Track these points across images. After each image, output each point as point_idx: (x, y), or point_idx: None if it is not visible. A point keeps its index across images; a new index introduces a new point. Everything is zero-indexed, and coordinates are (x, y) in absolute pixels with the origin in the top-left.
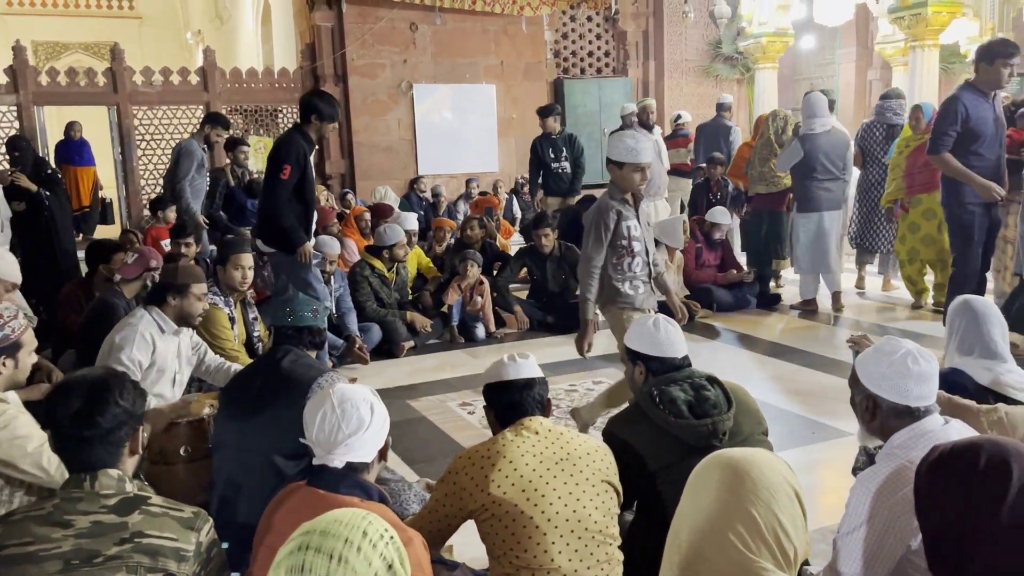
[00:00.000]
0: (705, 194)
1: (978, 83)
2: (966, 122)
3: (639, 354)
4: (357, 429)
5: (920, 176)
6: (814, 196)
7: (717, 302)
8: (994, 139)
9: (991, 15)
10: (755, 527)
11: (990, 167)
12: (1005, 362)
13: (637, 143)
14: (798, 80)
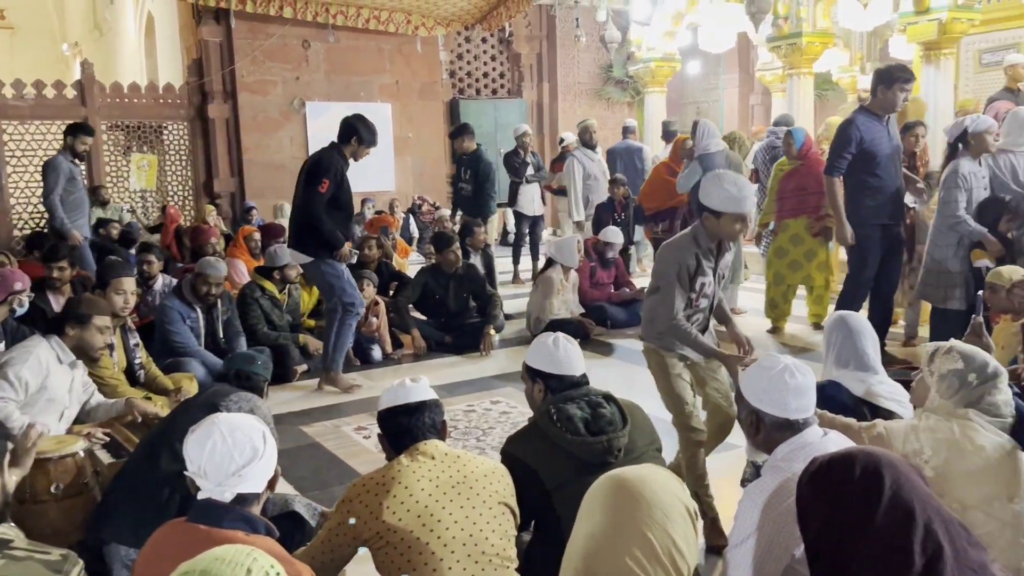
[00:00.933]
0: (610, 213)
1: (873, 107)
2: (861, 144)
3: (538, 372)
4: (251, 459)
5: (789, 201)
6: None
7: (611, 319)
8: (890, 161)
9: (860, 46)
10: (651, 550)
11: (889, 188)
12: (877, 374)
13: (740, 190)
14: (685, 104)
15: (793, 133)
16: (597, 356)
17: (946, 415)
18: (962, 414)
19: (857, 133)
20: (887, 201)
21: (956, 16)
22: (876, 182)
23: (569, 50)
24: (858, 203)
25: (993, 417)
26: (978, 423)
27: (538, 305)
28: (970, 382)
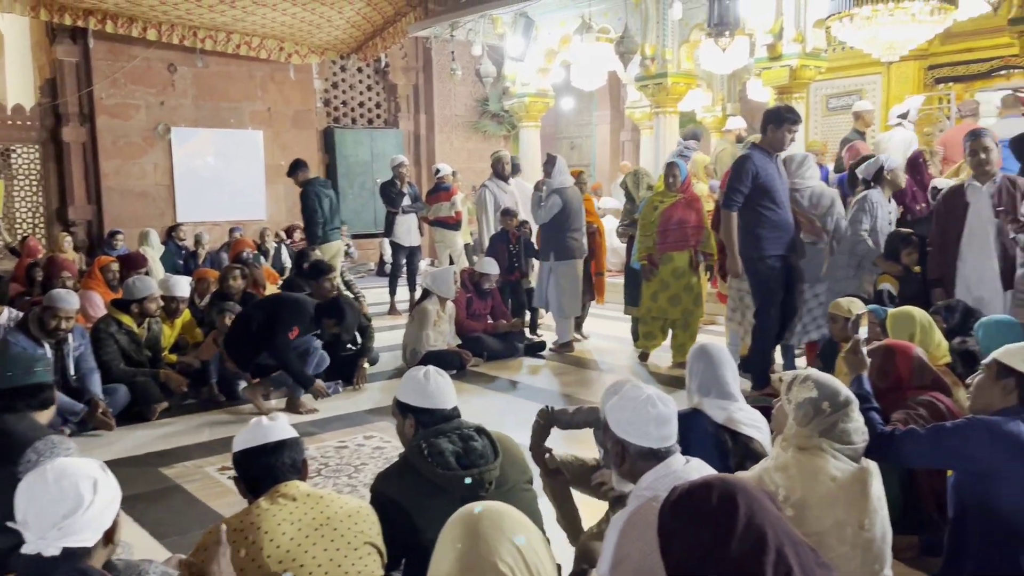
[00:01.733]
0: (504, 244)
1: (764, 144)
2: (756, 178)
3: (409, 406)
4: (75, 509)
5: (673, 234)
6: (569, 245)
7: (488, 350)
8: (783, 194)
9: (721, 87)
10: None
11: (784, 221)
12: (736, 401)
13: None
14: (560, 138)
15: (677, 165)
16: (473, 387)
17: (798, 447)
18: (816, 444)
19: (753, 168)
20: (783, 233)
21: (805, 63)
22: (772, 215)
23: (446, 82)
24: (757, 236)
25: (844, 445)
26: (830, 454)
27: (414, 336)
28: (824, 410)
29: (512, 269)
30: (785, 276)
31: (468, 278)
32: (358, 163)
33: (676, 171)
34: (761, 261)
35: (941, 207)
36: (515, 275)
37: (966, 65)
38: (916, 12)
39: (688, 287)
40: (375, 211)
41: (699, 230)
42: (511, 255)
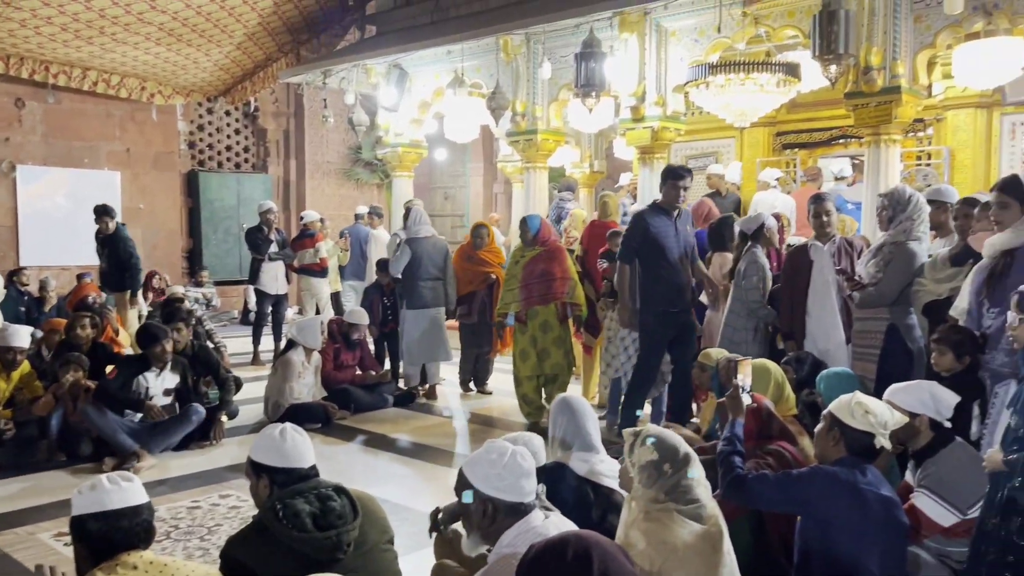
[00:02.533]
0: (379, 296)
1: (662, 203)
2: (646, 234)
3: (263, 466)
4: None
5: (537, 287)
6: (422, 294)
7: (355, 403)
8: (676, 251)
9: (589, 145)
10: None
11: (674, 277)
12: (599, 453)
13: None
14: (434, 188)
15: (528, 220)
16: (339, 442)
17: (646, 512)
18: (663, 506)
19: (643, 224)
20: (672, 289)
21: (666, 125)
22: (663, 271)
23: (318, 129)
24: (647, 290)
25: (689, 504)
26: (677, 517)
27: (277, 389)
28: (666, 472)
29: (386, 321)
30: (676, 331)
31: (337, 328)
32: (223, 208)
33: (525, 226)
34: (647, 314)
35: (788, 265)
36: (389, 326)
37: (809, 133)
38: (764, 83)
39: (557, 340)
40: (240, 257)
41: (564, 282)
42: (385, 307)
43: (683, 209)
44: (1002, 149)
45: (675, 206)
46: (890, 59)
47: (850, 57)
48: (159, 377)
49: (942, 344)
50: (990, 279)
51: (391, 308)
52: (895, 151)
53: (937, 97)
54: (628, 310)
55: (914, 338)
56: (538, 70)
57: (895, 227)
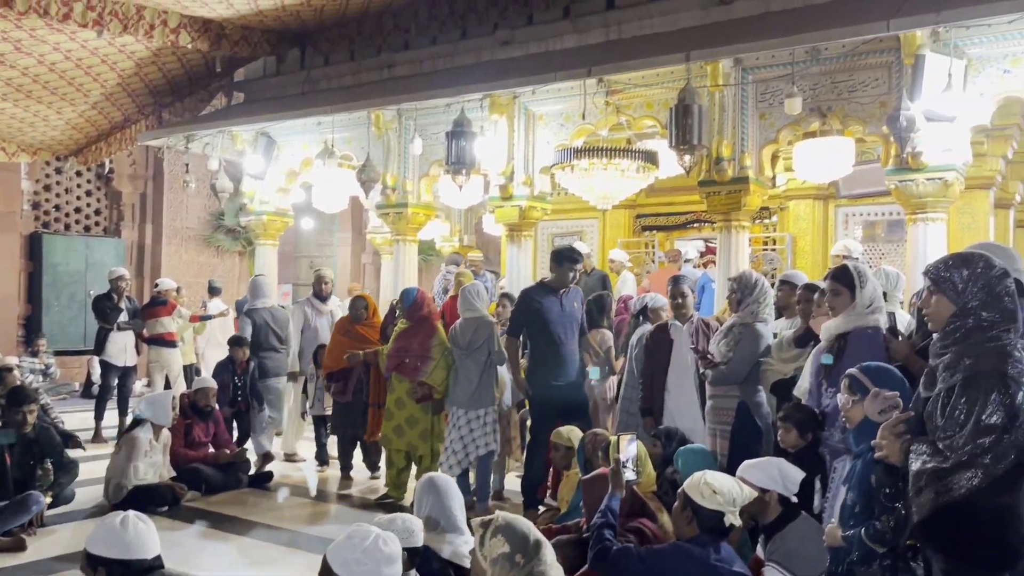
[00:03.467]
0: (230, 374)
1: (550, 282)
2: (530, 310)
3: (101, 559)
4: None
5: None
6: (263, 364)
7: (207, 482)
8: (562, 328)
9: (459, 220)
10: None
11: (560, 349)
12: (463, 535)
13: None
14: (299, 257)
15: (404, 293)
16: (187, 526)
17: None
18: None
19: (529, 300)
20: (556, 363)
21: (533, 204)
22: (548, 347)
23: (177, 193)
24: (533, 363)
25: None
26: None
27: (119, 469)
28: (518, 563)
29: (235, 400)
30: (564, 406)
31: (188, 403)
32: (68, 273)
33: (401, 299)
34: (534, 387)
35: (650, 343)
36: (240, 406)
37: (667, 216)
38: (625, 168)
39: (411, 419)
40: (85, 326)
41: (423, 360)
42: (235, 386)
43: (572, 287)
44: (837, 238)
45: (565, 285)
46: (739, 151)
47: (703, 148)
48: None
49: (787, 422)
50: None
51: (242, 387)
52: (744, 236)
53: (781, 188)
54: (517, 380)
55: (762, 415)
56: (409, 145)
57: (743, 309)
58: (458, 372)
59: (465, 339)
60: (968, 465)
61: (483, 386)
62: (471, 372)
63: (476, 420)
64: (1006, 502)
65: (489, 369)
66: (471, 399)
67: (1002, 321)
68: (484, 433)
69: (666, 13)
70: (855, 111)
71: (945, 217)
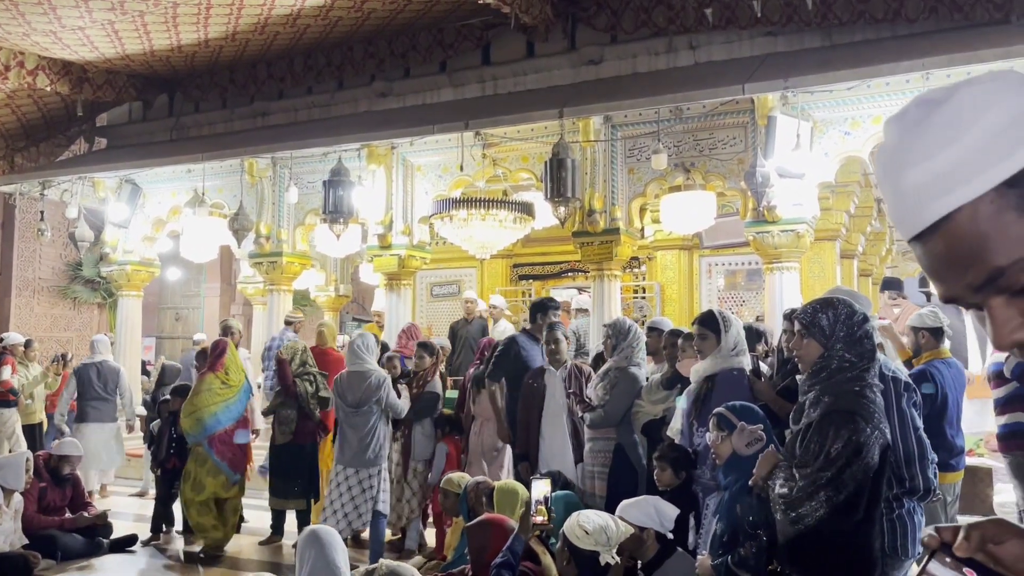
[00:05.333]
0: (169, 427)
1: (532, 330)
2: (517, 357)
3: None
4: None
5: None
6: (88, 412)
7: (62, 550)
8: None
9: (335, 268)
10: None
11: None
12: None
13: None
14: (164, 308)
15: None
16: None
17: None
18: None
19: (516, 347)
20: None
21: (412, 254)
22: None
23: (29, 242)
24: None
25: None
26: None
27: None
28: None
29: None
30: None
31: (44, 464)
32: None
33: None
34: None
35: (526, 389)
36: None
37: (542, 266)
38: (502, 219)
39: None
40: None
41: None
42: (171, 439)
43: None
44: (702, 286)
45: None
46: (610, 204)
47: (576, 200)
48: None
49: (663, 461)
50: (697, 402)
51: (177, 441)
52: (616, 285)
53: (649, 239)
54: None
55: (638, 456)
56: (284, 194)
57: (618, 354)
58: (343, 429)
59: (354, 395)
60: (811, 496)
61: (374, 444)
62: (359, 429)
63: (366, 480)
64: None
65: (381, 426)
66: (358, 458)
67: (860, 362)
68: (373, 496)
69: (539, 70)
70: (716, 167)
71: (798, 266)
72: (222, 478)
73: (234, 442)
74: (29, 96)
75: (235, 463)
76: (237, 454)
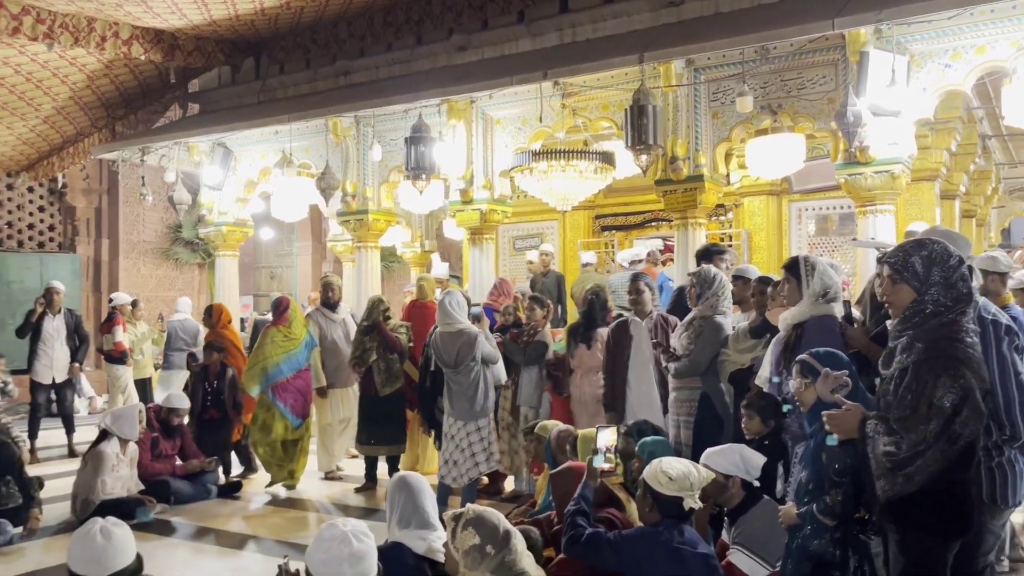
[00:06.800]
0: (202, 381)
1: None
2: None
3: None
4: None
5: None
6: (172, 361)
7: (175, 494)
8: None
9: (419, 225)
10: None
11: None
12: (436, 530)
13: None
14: (259, 267)
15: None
16: (157, 538)
17: None
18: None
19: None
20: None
21: (493, 208)
22: None
23: (134, 207)
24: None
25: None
26: None
27: (87, 485)
28: (489, 553)
29: (206, 408)
30: None
31: (155, 415)
32: (24, 290)
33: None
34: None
35: (611, 340)
36: (210, 414)
37: (625, 216)
38: (583, 170)
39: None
40: None
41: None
42: (207, 393)
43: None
44: (791, 232)
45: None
46: (693, 150)
47: (658, 148)
48: None
49: (750, 409)
50: (785, 350)
51: (216, 394)
52: (701, 233)
53: (735, 185)
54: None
55: (724, 404)
56: (368, 152)
57: (703, 303)
58: (449, 385)
59: (450, 356)
60: (924, 454)
61: (478, 397)
62: (463, 385)
63: (475, 432)
64: (958, 477)
65: (483, 379)
66: (466, 412)
67: (956, 306)
68: (483, 448)
69: (618, 15)
70: (804, 108)
71: (893, 209)
72: (286, 422)
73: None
74: (125, 65)
75: (296, 409)
76: (299, 400)
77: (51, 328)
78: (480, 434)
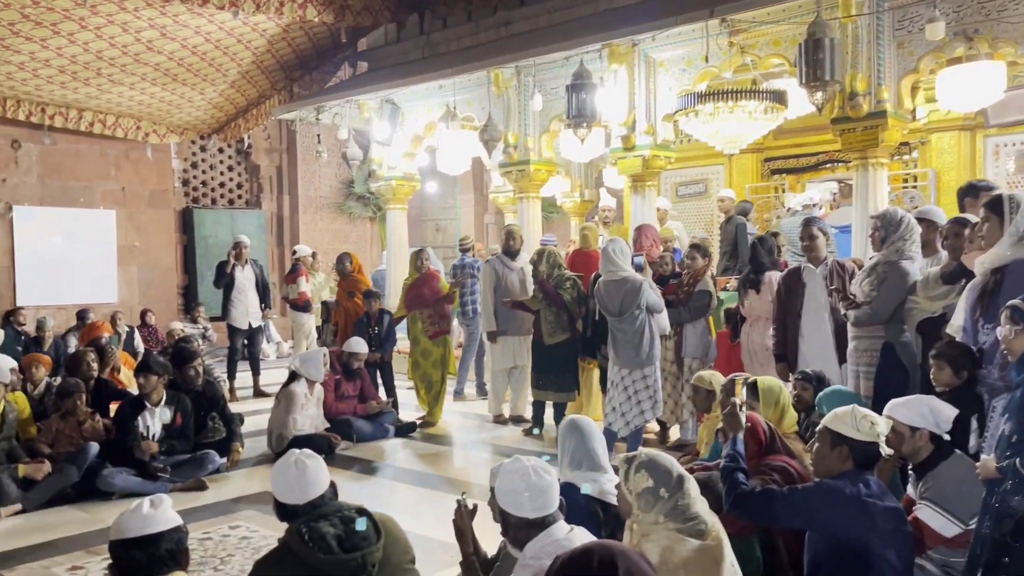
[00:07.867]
0: (364, 327)
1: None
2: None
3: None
4: None
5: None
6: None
7: (357, 433)
8: None
9: (579, 175)
10: None
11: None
12: (607, 472)
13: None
14: (425, 220)
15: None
16: (342, 471)
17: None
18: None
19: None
20: None
21: (656, 154)
22: None
23: (310, 164)
24: None
25: (687, 521)
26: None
27: (280, 421)
28: (662, 496)
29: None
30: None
31: (337, 359)
32: (217, 244)
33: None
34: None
35: (782, 288)
36: (371, 357)
37: (796, 159)
38: (752, 110)
39: (425, 352)
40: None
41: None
42: (370, 338)
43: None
44: (987, 170)
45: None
46: (875, 84)
47: (836, 83)
48: (155, 416)
49: (941, 359)
50: (983, 296)
51: (377, 339)
52: (882, 174)
53: (921, 121)
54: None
55: (909, 355)
56: (529, 102)
57: (888, 247)
58: (613, 333)
59: (615, 304)
60: None
61: (644, 345)
62: (627, 333)
63: (640, 380)
64: None
65: (648, 327)
66: (632, 359)
67: None
68: (649, 396)
69: None
70: (1005, 32)
71: None
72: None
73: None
74: (301, 28)
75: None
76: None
77: (242, 278)
78: (646, 382)
